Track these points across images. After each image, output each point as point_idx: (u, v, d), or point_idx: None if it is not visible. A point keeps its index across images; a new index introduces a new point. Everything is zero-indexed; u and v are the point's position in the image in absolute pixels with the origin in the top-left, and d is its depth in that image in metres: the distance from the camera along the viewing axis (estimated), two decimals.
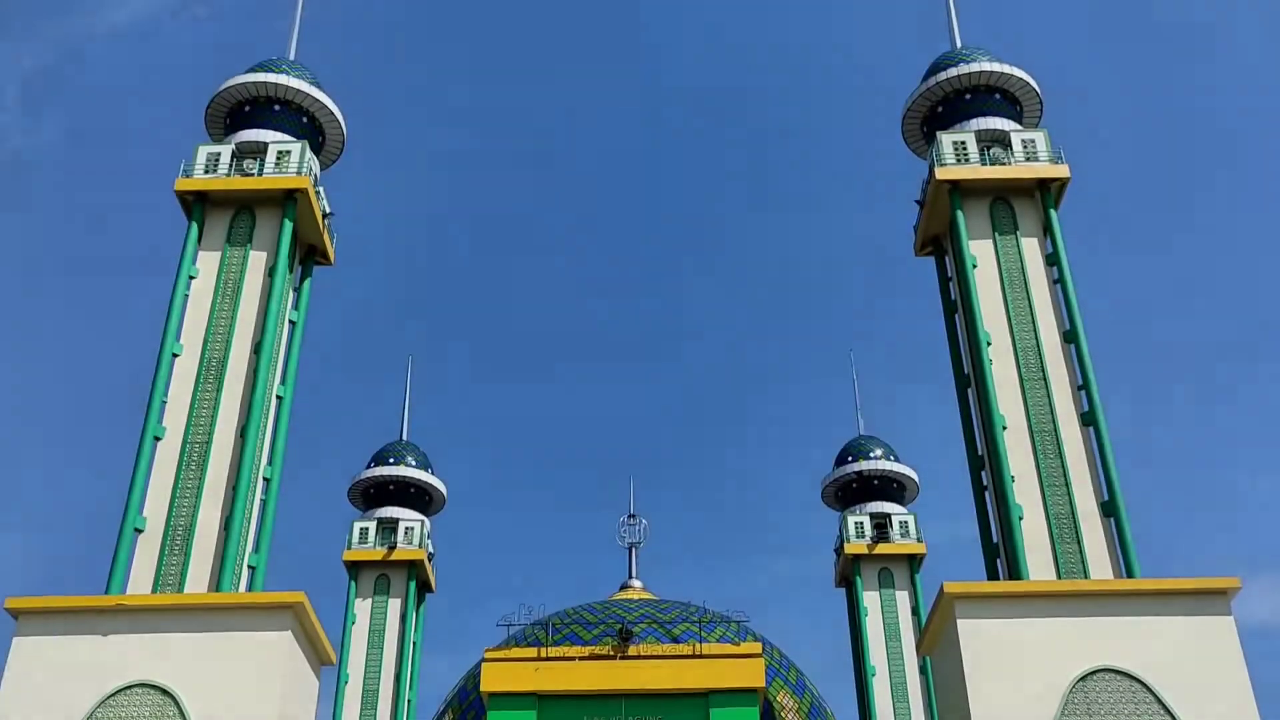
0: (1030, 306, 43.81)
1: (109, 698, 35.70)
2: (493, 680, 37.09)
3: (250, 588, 40.07)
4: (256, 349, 42.85)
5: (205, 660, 36.34)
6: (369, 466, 69.54)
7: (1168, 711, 35.48)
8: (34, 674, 36.01)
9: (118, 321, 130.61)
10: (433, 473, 70.05)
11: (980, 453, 43.21)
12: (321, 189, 47.66)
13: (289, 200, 45.30)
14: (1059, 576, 38.79)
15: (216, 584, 38.78)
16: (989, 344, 42.97)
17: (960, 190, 45.80)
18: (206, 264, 44.53)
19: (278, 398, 43.62)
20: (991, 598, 37.59)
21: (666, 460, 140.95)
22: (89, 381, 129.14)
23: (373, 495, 68.89)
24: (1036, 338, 43.09)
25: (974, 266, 44.42)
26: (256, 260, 44.69)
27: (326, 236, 47.76)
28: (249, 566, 40.43)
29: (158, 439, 41.16)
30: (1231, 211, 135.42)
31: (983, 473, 42.96)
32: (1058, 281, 44.19)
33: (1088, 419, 41.59)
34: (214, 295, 43.87)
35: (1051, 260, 44.62)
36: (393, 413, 74.95)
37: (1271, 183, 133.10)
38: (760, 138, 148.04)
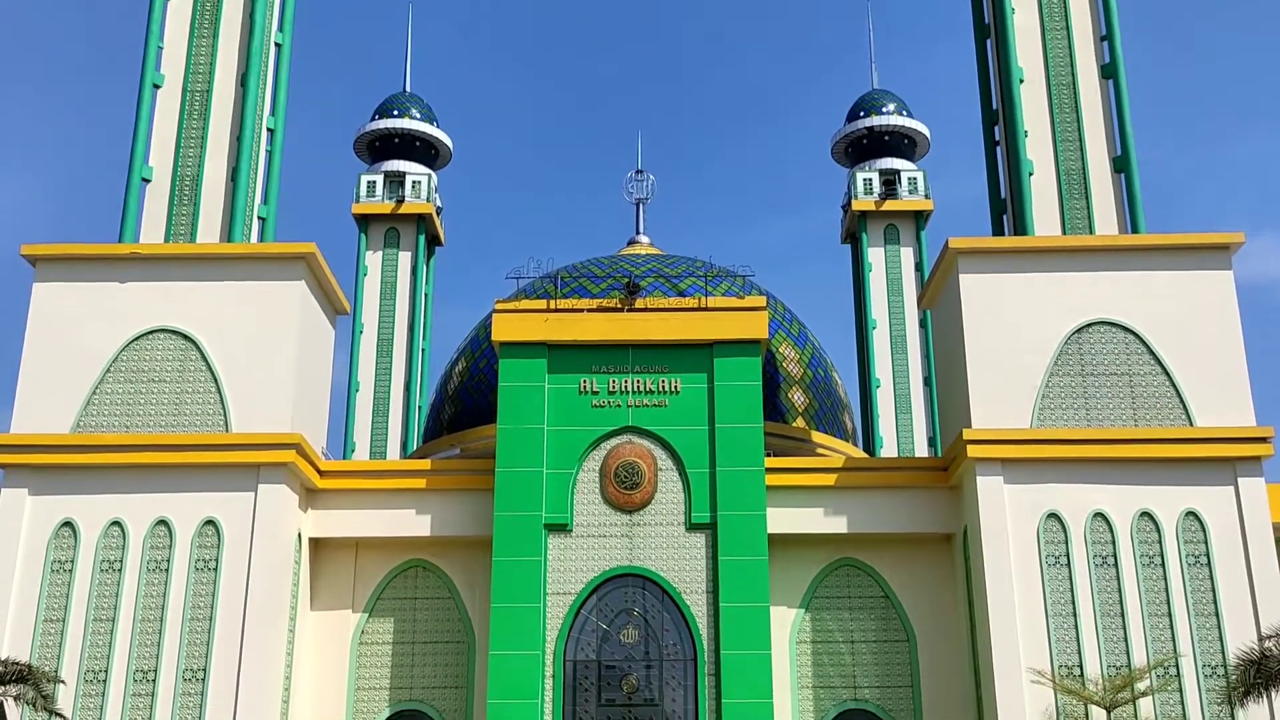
0: None
1: (132, 342, 37.04)
2: (503, 330, 38.07)
3: (261, 239, 40.58)
4: None
5: (222, 308, 37.37)
6: (373, 119, 68.65)
7: (1158, 362, 36.73)
8: (57, 319, 37.16)
9: None
10: (437, 125, 69.23)
11: (995, 107, 42.42)
12: None
13: None
14: (1065, 233, 39.05)
15: (227, 235, 39.25)
16: None
17: None
18: None
19: (276, 45, 42.45)
20: (995, 253, 38.02)
21: (675, 115, 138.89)
22: (85, 23, 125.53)
23: (378, 148, 68.38)
24: None
25: None
26: None
27: None
28: (259, 218, 40.76)
29: (157, 87, 40.52)
30: None
31: (996, 128, 42.34)
32: None
33: (1108, 71, 40.56)
34: None
35: None
36: (394, 64, 73.23)
37: None
38: None
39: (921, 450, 61.52)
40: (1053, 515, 35.53)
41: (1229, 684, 31.57)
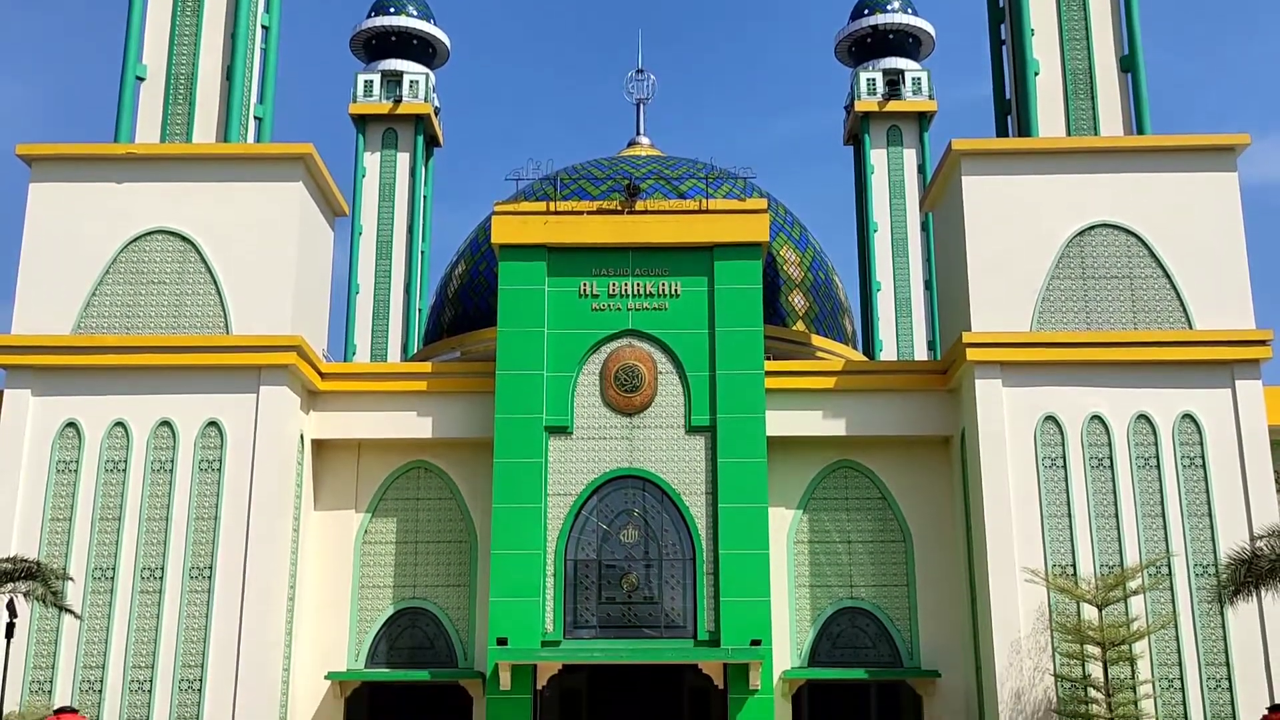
0: None
1: (131, 243, 36.96)
2: (503, 233, 37.91)
3: (258, 139, 40.22)
4: None
5: (220, 209, 37.21)
6: (369, 16, 67.56)
7: (1159, 265, 36.68)
8: (54, 220, 37.03)
9: None
10: (434, 23, 68.13)
11: (1001, 5, 41.73)
12: None
13: None
14: (1070, 135, 38.70)
15: (224, 135, 38.91)
16: None
17: None
18: None
19: None
20: (998, 154, 37.73)
21: (676, 13, 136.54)
22: None
23: (375, 47, 67.36)
24: None
25: None
26: None
27: None
28: (255, 118, 40.34)
29: None
30: None
31: (1002, 26, 41.70)
32: None
33: None
34: None
35: None
36: None
37: None
38: None
39: (921, 354, 61.67)
40: (1050, 418, 35.77)
41: (1219, 583, 32.10)
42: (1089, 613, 33.50)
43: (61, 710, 30.48)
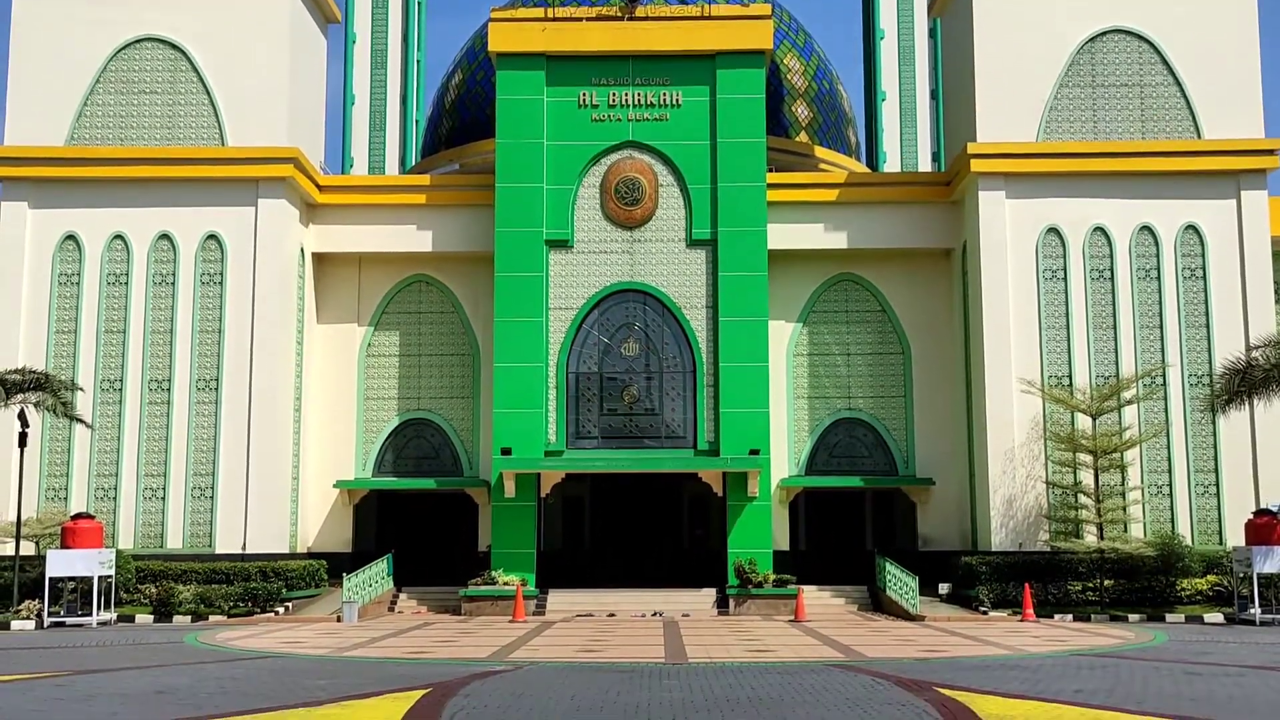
0: None
1: (119, 51, 36.18)
2: (500, 40, 37.01)
3: None
4: None
5: (209, 15, 36.36)
6: None
7: (1170, 72, 35.94)
8: (40, 28, 36.20)
9: None
10: None
11: None
12: None
13: None
14: None
15: None
16: None
17: None
18: None
19: None
20: None
21: None
22: None
23: None
24: None
25: None
26: None
27: None
28: None
29: None
30: None
31: None
32: None
33: None
34: None
35: None
36: None
37: None
38: None
39: (925, 166, 60.71)
40: (1052, 230, 35.63)
41: (1213, 392, 32.53)
42: (1083, 422, 34.05)
43: (78, 516, 31.36)
